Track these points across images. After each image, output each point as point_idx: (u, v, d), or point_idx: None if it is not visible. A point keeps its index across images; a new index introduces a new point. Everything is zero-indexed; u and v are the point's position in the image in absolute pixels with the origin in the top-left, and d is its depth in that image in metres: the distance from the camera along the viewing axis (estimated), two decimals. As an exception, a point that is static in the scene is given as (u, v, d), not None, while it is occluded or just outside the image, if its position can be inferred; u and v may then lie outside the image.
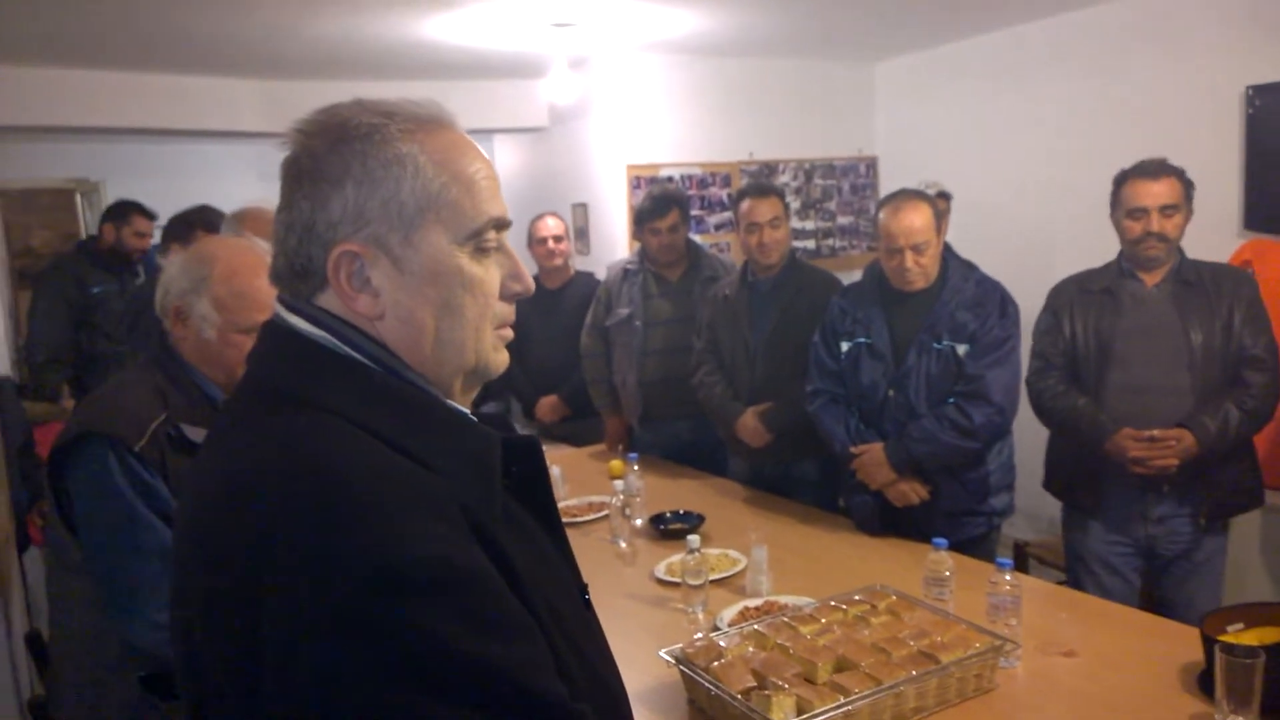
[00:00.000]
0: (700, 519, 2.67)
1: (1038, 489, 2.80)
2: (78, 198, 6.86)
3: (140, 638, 1.54)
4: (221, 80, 4.75)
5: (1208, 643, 1.60)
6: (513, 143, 6.04)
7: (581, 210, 5.18)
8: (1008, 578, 1.82)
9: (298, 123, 0.82)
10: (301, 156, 0.81)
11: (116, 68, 4.40)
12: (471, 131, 0.87)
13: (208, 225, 3.58)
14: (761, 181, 3.91)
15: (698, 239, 3.91)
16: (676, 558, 2.33)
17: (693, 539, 2.11)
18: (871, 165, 5.41)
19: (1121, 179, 2.55)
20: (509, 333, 0.88)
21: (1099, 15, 4.04)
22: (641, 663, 1.84)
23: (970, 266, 2.59)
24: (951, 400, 2.43)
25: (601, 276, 3.82)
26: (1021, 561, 3.54)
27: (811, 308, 2.90)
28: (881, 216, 2.51)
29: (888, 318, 2.57)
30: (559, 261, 3.94)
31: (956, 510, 2.50)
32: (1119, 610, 2.10)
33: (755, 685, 1.60)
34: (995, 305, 2.47)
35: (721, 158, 4.97)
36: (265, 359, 0.84)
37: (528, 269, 0.89)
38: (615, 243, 4.87)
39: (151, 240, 4.12)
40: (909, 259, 2.45)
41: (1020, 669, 1.77)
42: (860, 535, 2.58)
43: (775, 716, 1.51)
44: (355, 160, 0.79)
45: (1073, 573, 2.68)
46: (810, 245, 5.24)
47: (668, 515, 2.72)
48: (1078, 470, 2.60)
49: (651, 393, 3.43)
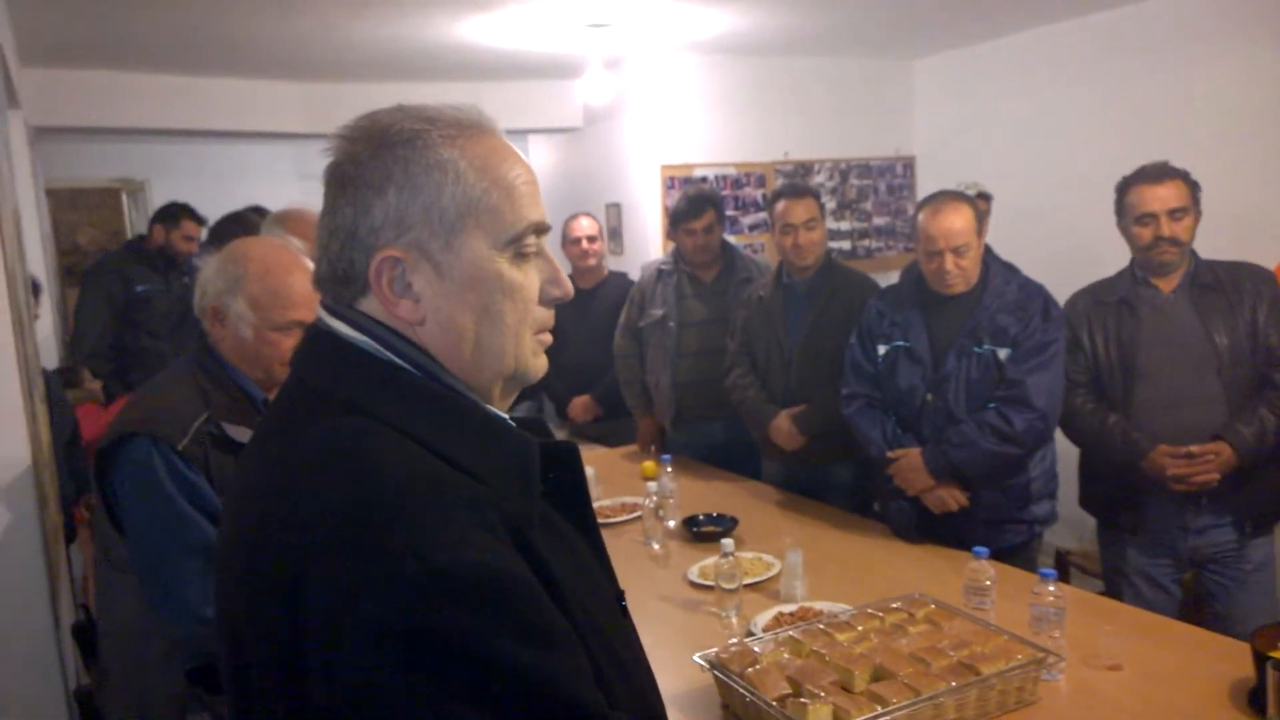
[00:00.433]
0: (734, 522, 2.65)
1: (1080, 496, 2.74)
2: (124, 197, 7.02)
3: (185, 633, 1.57)
4: (265, 82, 4.83)
5: (1259, 659, 1.55)
6: (547, 143, 6.06)
7: (615, 210, 5.18)
8: (1051, 588, 1.78)
9: (341, 129, 0.83)
10: (344, 162, 0.81)
11: (162, 70, 4.49)
12: (507, 132, 0.88)
13: (253, 226, 3.64)
14: (797, 182, 3.87)
15: (732, 240, 3.89)
16: (710, 560, 2.31)
17: (727, 542, 2.09)
18: (909, 165, 5.35)
19: (1124, 186, 2.49)
20: (548, 337, 0.88)
21: (1143, 11, 3.96)
22: (674, 666, 1.82)
23: (1012, 269, 2.54)
24: (992, 405, 2.39)
25: (635, 277, 3.81)
26: (1063, 571, 3.47)
27: (847, 310, 2.86)
28: (921, 218, 2.47)
29: (926, 321, 2.53)
30: (592, 262, 3.94)
31: (997, 518, 2.45)
32: (1165, 623, 2.05)
33: (790, 693, 1.58)
34: (1038, 308, 2.41)
35: (756, 158, 4.94)
36: (308, 363, 0.85)
37: (562, 268, 0.89)
38: (649, 243, 4.87)
39: (199, 243, 4.19)
40: (949, 261, 2.41)
41: (1063, 682, 1.73)
42: (896, 541, 2.54)
43: (811, 725, 1.49)
44: (397, 166, 0.79)
45: (1113, 587, 2.62)
46: (846, 246, 5.19)
47: (701, 518, 2.70)
48: (1113, 488, 2.53)
49: (685, 394, 3.41)
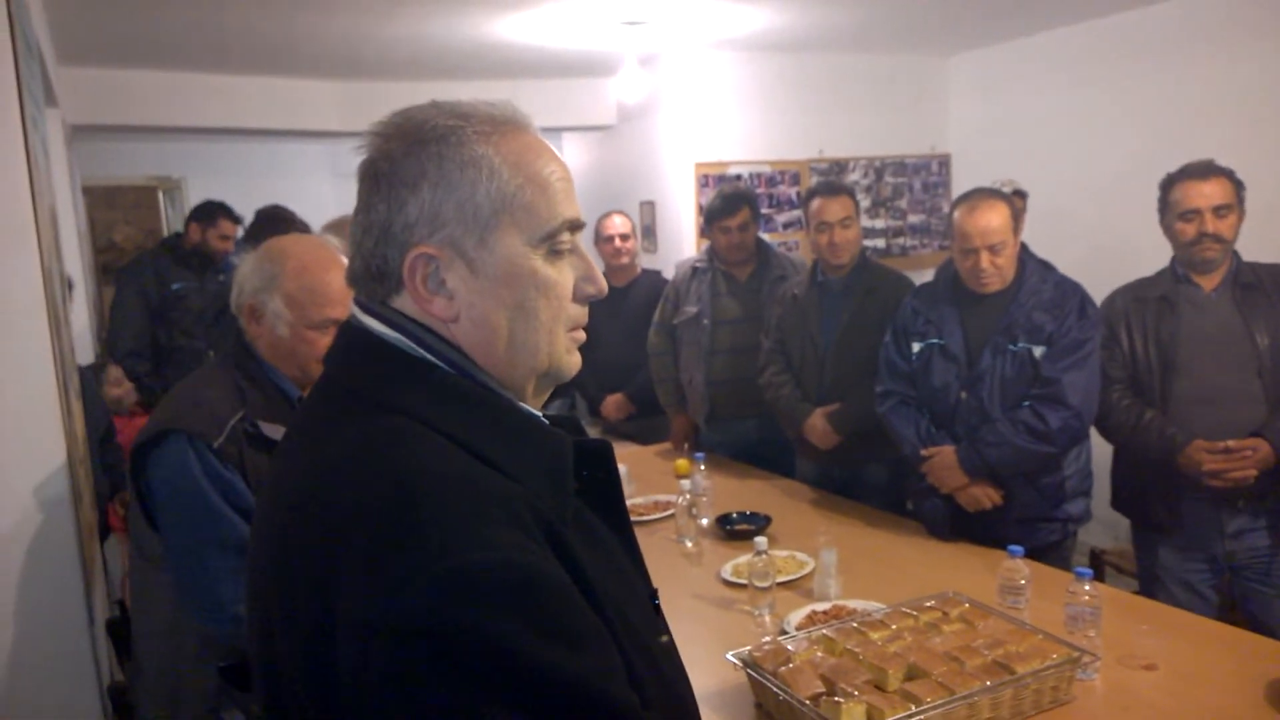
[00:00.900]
0: (767, 520, 2.66)
1: (1116, 496, 2.71)
2: (160, 195, 7.12)
3: (219, 630, 1.57)
4: (301, 81, 4.90)
5: (1300, 661, 1.54)
6: (581, 141, 6.09)
7: (649, 208, 5.19)
8: (1087, 588, 1.77)
9: (374, 126, 0.83)
10: (378, 159, 0.81)
11: (199, 69, 4.57)
12: (541, 130, 0.88)
13: (293, 224, 3.68)
14: (832, 180, 3.87)
15: (766, 238, 3.89)
16: (743, 559, 2.32)
17: (760, 541, 2.10)
18: (944, 163, 5.30)
19: (1169, 183, 2.47)
20: (581, 335, 0.88)
21: (1181, 8, 3.90)
22: (707, 664, 1.84)
23: (1048, 267, 2.52)
24: (1027, 403, 2.37)
25: (668, 275, 3.83)
26: (1098, 570, 3.44)
27: (882, 308, 2.86)
28: (956, 216, 2.46)
29: (961, 318, 2.52)
30: (625, 260, 3.95)
31: (1031, 516, 2.44)
32: (1202, 623, 2.03)
33: (824, 691, 1.58)
34: (1074, 306, 2.40)
35: (790, 155, 4.93)
36: (341, 360, 0.85)
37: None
38: (682, 241, 4.88)
39: (235, 241, 4.24)
40: (984, 260, 2.40)
41: (1099, 681, 1.72)
42: (930, 540, 2.54)
43: (845, 723, 1.50)
44: (431, 163, 0.79)
45: (1147, 590, 2.59)
46: (880, 244, 5.17)
47: (734, 516, 2.71)
48: (1147, 487, 2.51)
49: (718, 392, 3.42)
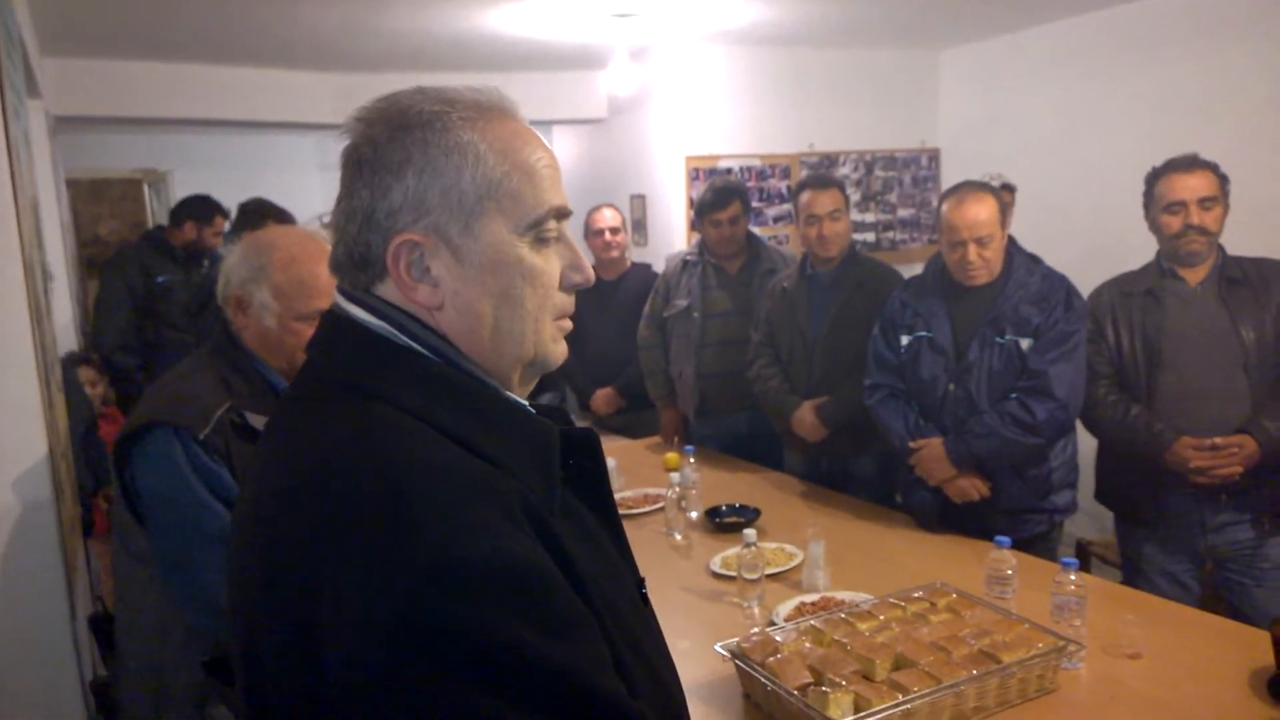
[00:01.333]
0: (756, 513, 2.67)
1: (1101, 488, 2.73)
2: (145, 188, 7.06)
3: (205, 624, 1.57)
4: (289, 72, 4.88)
5: (1278, 645, 1.55)
6: (572, 134, 6.08)
7: (639, 202, 5.19)
8: (1073, 577, 1.79)
9: (358, 111, 0.81)
10: (362, 145, 0.80)
11: (184, 60, 4.54)
12: (531, 123, 0.87)
13: (280, 217, 3.67)
14: (822, 173, 3.87)
15: (756, 231, 3.90)
16: (732, 551, 2.33)
17: (749, 533, 2.11)
18: (934, 157, 5.32)
19: (1154, 176, 2.48)
20: (568, 324, 0.87)
21: (1170, 3, 3.91)
22: (696, 656, 1.85)
23: (1035, 260, 2.53)
24: (1014, 395, 2.39)
25: (659, 268, 3.83)
26: (1084, 560, 3.47)
27: (871, 301, 2.86)
28: (944, 208, 2.47)
29: (949, 311, 2.53)
30: (616, 253, 3.95)
31: (1017, 507, 2.45)
32: (1186, 612, 2.05)
33: (812, 681, 1.59)
34: (1061, 299, 2.41)
35: (781, 149, 4.93)
36: (325, 349, 0.83)
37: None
38: (673, 234, 4.88)
39: (223, 235, 4.23)
40: (972, 252, 2.41)
41: (1084, 670, 1.74)
42: (918, 531, 2.55)
43: (833, 714, 1.50)
44: (416, 148, 0.78)
45: (1130, 581, 2.60)
46: (870, 238, 5.18)
47: (724, 508, 2.72)
48: (1132, 481, 2.52)
49: (708, 385, 3.43)
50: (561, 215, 0.84)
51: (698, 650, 1.86)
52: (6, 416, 1.97)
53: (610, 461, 3.19)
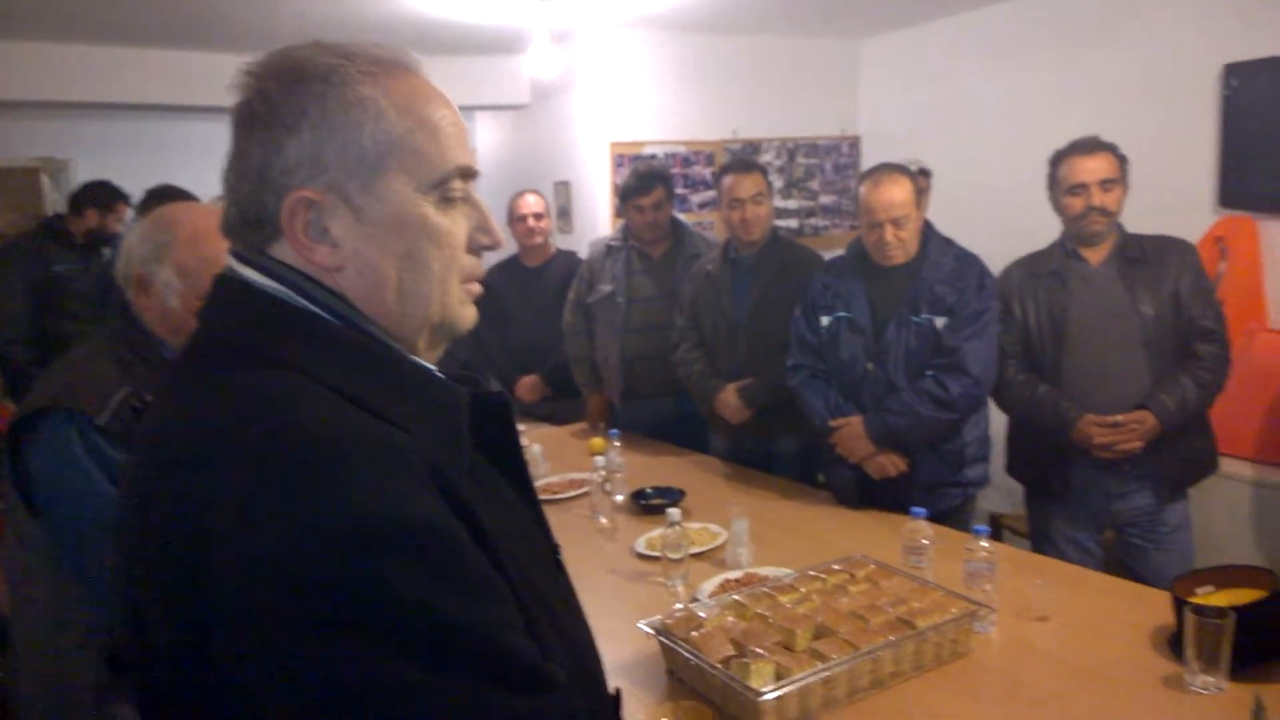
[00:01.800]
0: (681, 494, 2.68)
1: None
2: (43, 178, 6.73)
3: (104, 616, 1.51)
4: (198, 54, 4.69)
5: (1178, 605, 1.63)
6: (494, 120, 6.01)
7: (564, 188, 5.16)
8: (984, 544, 1.84)
9: (248, 65, 0.78)
10: (254, 100, 0.77)
11: (86, 41, 4.33)
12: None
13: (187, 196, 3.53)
14: (744, 157, 3.90)
15: (681, 218, 3.91)
16: (657, 532, 2.33)
17: (673, 512, 2.11)
18: (854, 145, 5.41)
19: (1057, 158, 2.56)
20: (477, 287, 0.86)
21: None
22: (621, 636, 1.84)
23: (949, 242, 2.59)
24: (929, 373, 2.45)
25: (584, 255, 3.81)
26: (996, 532, 3.58)
27: (793, 284, 2.90)
28: (862, 190, 2.52)
29: (868, 292, 2.58)
30: (539, 239, 3.91)
31: (934, 482, 2.52)
32: (1091, 575, 2.13)
33: (735, 654, 1.61)
34: (973, 278, 2.48)
35: (705, 136, 4.96)
36: (217, 313, 0.80)
37: (508, 247, 0.87)
38: (597, 221, 4.86)
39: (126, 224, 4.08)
40: (889, 233, 2.46)
41: (995, 634, 1.79)
42: (840, 508, 2.60)
43: (755, 683, 1.52)
44: (312, 103, 0.75)
45: (1039, 550, 2.69)
46: (793, 224, 5.24)
47: (648, 491, 2.73)
48: (1040, 455, 2.61)
49: (634, 370, 3.43)
50: (467, 175, 0.82)
51: (623, 630, 1.85)
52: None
53: (535, 448, 3.18)
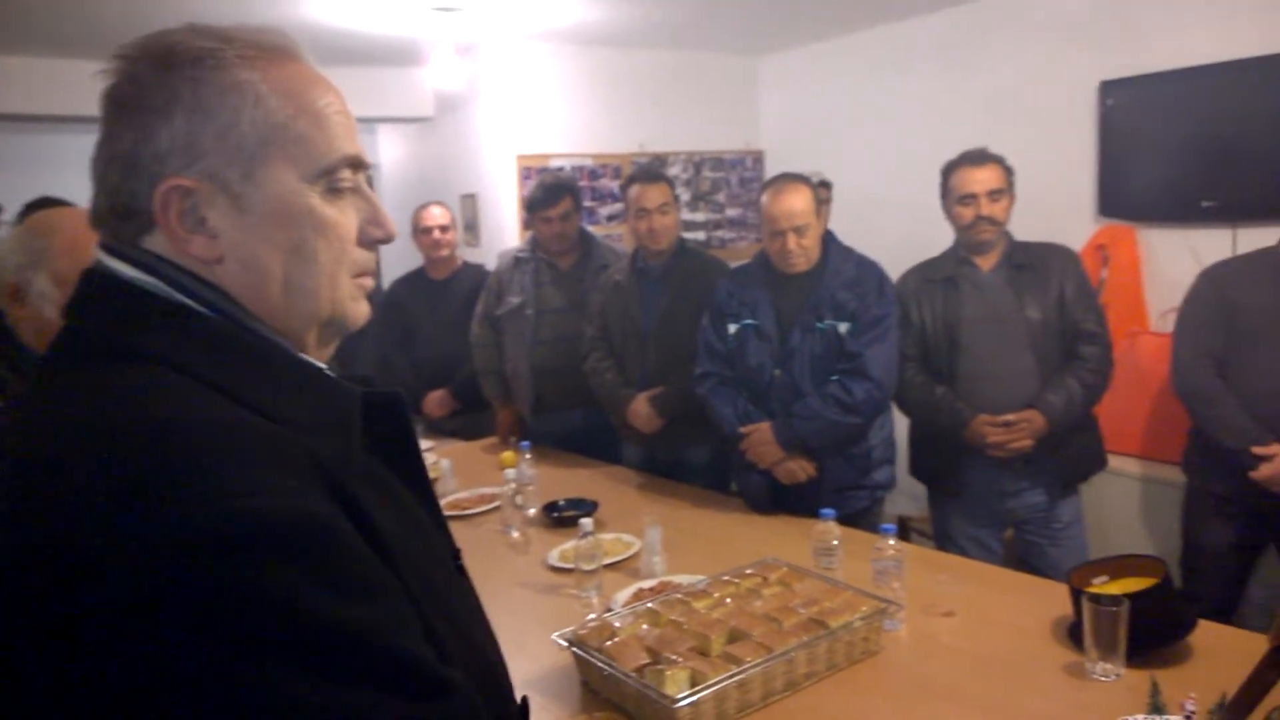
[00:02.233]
0: (594, 505, 2.65)
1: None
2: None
3: None
4: (75, 62, 4.42)
5: (1075, 595, 1.69)
6: (398, 133, 5.90)
7: (470, 202, 5.10)
8: (891, 543, 1.87)
9: (119, 48, 0.74)
10: (124, 83, 0.73)
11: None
12: (356, 121, 0.82)
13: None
14: (650, 167, 3.91)
15: (590, 230, 3.90)
16: (570, 544, 2.31)
17: (585, 523, 2.09)
18: (758, 159, 5.50)
19: (949, 169, 2.66)
20: (369, 282, 0.83)
21: (967, 13, 4.23)
22: (534, 649, 1.81)
23: (849, 250, 2.65)
24: (834, 378, 2.49)
25: (491, 268, 3.76)
26: (903, 533, 3.66)
27: (701, 293, 2.91)
28: (764, 200, 2.56)
29: (773, 300, 2.61)
30: (445, 252, 3.84)
31: (842, 485, 2.56)
32: (994, 571, 2.20)
33: (649, 662, 1.59)
34: (874, 284, 2.54)
35: (612, 149, 4.97)
36: (85, 309, 0.76)
37: (413, 260, 0.84)
38: (505, 234, 4.82)
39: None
40: (791, 240, 2.50)
41: (904, 631, 1.82)
42: (751, 514, 2.62)
43: (669, 690, 1.50)
44: (186, 87, 0.72)
45: (942, 549, 2.78)
46: (700, 237, 5.30)
47: (560, 503, 2.69)
48: (939, 456, 2.70)
49: (544, 382, 3.39)
50: (357, 165, 0.79)
51: (535, 643, 1.82)
52: None
53: (444, 463, 3.11)
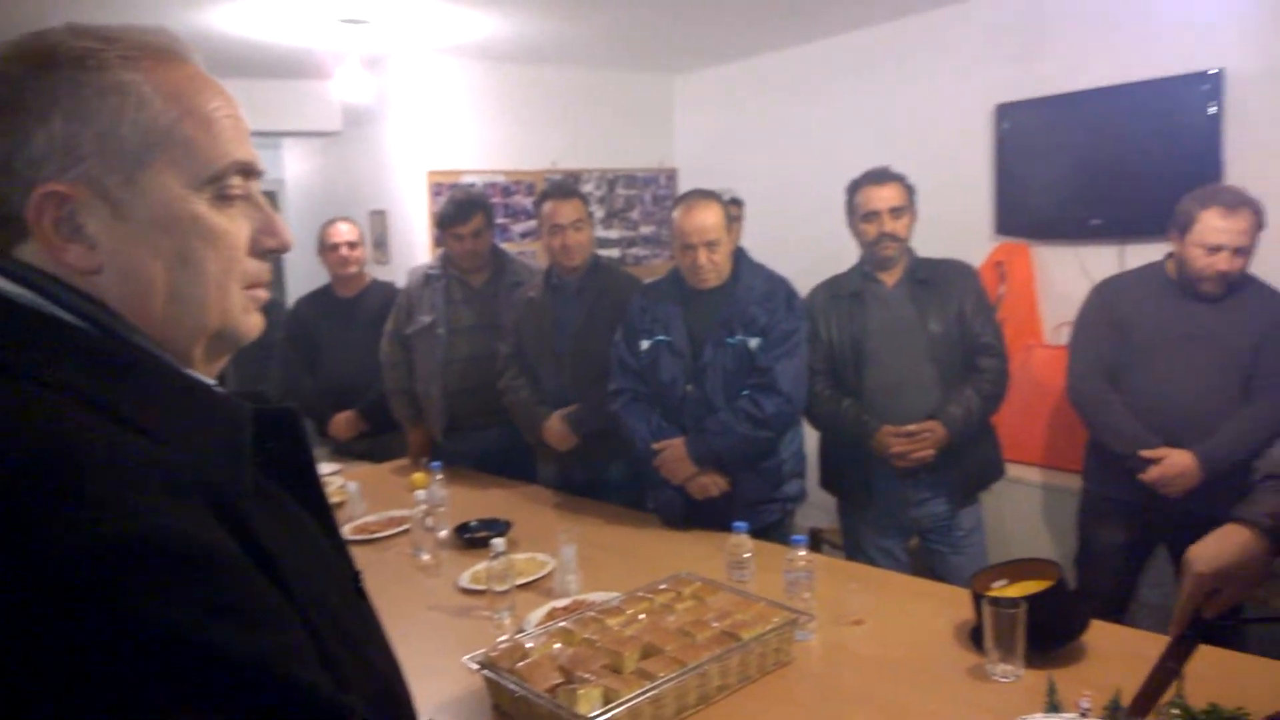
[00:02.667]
0: (507, 525, 2.62)
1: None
2: None
3: None
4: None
5: (976, 599, 1.74)
6: (304, 148, 5.77)
7: (380, 218, 5.01)
8: (802, 554, 1.90)
9: None
10: None
11: None
12: (258, 134, 0.80)
13: None
14: (563, 183, 3.90)
15: (504, 247, 3.87)
16: (482, 565, 2.26)
17: (497, 543, 2.05)
18: (672, 176, 5.56)
19: (854, 188, 2.75)
20: (263, 294, 0.80)
21: (883, 34, 4.36)
22: (445, 673, 1.77)
23: (760, 266, 2.69)
24: (745, 392, 2.52)
25: (401, 286, 3.69)
26: (815, 545, 3.72)
27: (615, 309, 2.91)
28: (675, 215, 2.58)
29: (685, 315, 2.63)
30: (353, 269, 3.75)
31: (754, 499, 2.59)
32: (901, 579, 2.25)
33: (562, 681, 1.57)
34: (783, 300, 2.58)
35: (525, 165, 4.95)
36: None
37: (320, 278, 0.81)
38: (415, 251, 4.74)
39: None
40: (702, 255, 2.53)
41: (815, 640, 1.85)
42: (666, 530, 2.62)
43: (582, 709, 1.49)
44: (64, 89, 0.69)
45: (851, 559, 2.84)
46: (615, 254, 5.31)
47: (473, 524, 2.64)
48: (847, 467, 2.76)
49: (457, 402, 3.33)
50: (248, 172, 0.77)
51: (446, 666, 1.78)
52: None
53: (351, 486, 3.02)
